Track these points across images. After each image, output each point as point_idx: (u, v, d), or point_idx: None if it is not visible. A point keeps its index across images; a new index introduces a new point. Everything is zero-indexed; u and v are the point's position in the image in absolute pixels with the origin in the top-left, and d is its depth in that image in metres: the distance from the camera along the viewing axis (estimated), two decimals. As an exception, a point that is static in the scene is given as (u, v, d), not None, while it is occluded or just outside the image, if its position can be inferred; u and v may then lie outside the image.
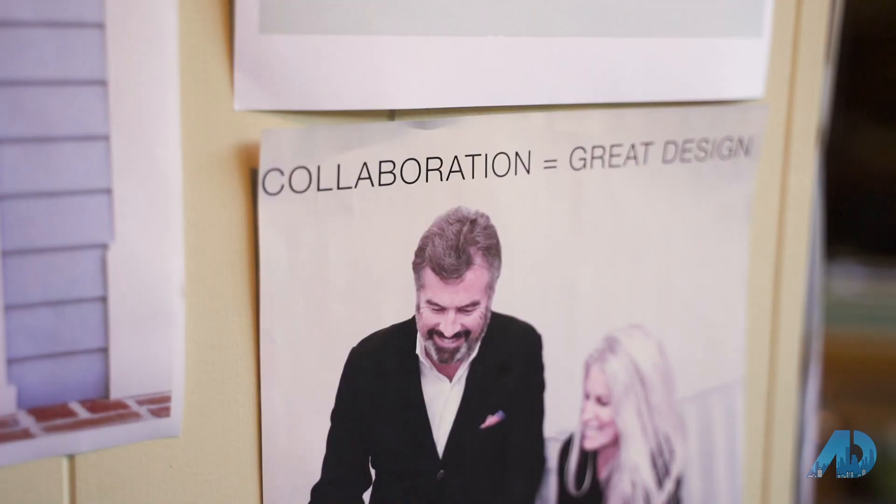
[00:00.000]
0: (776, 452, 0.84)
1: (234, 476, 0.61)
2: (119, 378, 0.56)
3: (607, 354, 0.73)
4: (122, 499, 0.58)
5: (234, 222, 0.59)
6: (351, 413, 0.64)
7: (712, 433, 0.79)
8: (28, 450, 0.54)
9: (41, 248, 0.53)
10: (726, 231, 0.77)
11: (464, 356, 0.67)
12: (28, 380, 0.53)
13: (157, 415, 0.58)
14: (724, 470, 0.80)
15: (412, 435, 0.66)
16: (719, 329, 0.78)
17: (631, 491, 0.75)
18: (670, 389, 0.76)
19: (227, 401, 0.60)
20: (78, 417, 0.55)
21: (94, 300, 0.55)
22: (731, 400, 0.79)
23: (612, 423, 0.74)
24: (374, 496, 0.66)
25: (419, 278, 0.65)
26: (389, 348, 0.65)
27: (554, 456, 0.72)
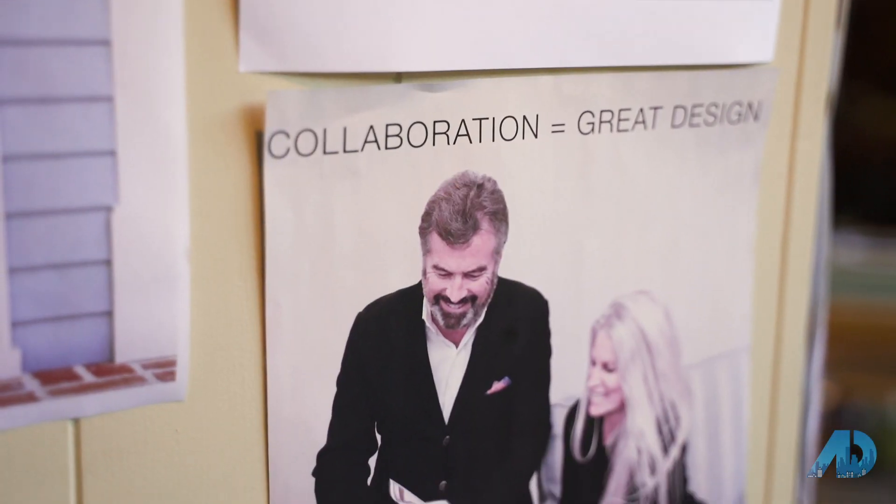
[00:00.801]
0: (781, 419, 0.84)
1: (240, 441, 0.61)
2: (124, 342, 0.55)
3: (614, 320, 0.72)
4: (128, 463, 0.58)
5: (239, 186, 0.58)
6: (357, 378, 0.63)
7: (718, 400, 0.78)
8: (33, 413, 0.54)
9: (45, 210, 0.52)
10: (734, 197, 0.76)
11: (470, 322, 0.67)
12: (32, 343, 0.53)
13: (163, 379, 0.57)
14: (730, 436, 0.80)
15: (418, 400, 0.66)
16: (726, 295, 0.77)
17: (636, 457, 0.75)
18: (676, 356, 0.76)
19: (233, 366, 0.60)
20: (83, 381, 0.55)
21: (99, 263, 0.54)
22: (737, 367, 0.79)
23: (619, 389, 0.73)
24: (380, 461, 0.66)
25: (425, 243, 0.64)
26: (395, 314, 0.64)
27: (560, 422, 0.72)
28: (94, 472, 0.57)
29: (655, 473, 0.76)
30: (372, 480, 0.66)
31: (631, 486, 0.75)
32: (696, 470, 0.78)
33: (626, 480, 0.75)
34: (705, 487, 0.79)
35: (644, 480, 0.76)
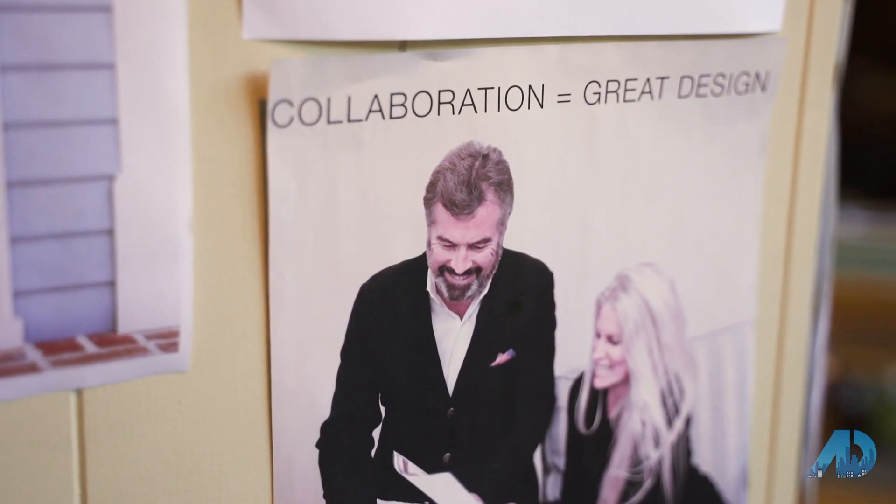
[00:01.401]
0: (785, 392, 0.83)
1: (243, 412, 0.61)
2: (127, 312, 0.55)
3: (619, 293, 0.72)
4: (131, 434, 0.58)
5: (242, 155, 0.58)
6: (361, 350, 0.63)
7: (722, 373, 0.78)
8: (35, 384, 0.54)
9: (46, 178, 0.52)
10: (740, 168, 0.75)
11: (475, 293, 0.66)
12: (35, 313, 0.53)
13: (166, 350, 0.57)
14: (734, 409, 0.79)
15: (422, 372, 0.66)
16: (731, 268, 0.77)
17: (640, 429, 0.75)
18: (681, 328, 0.75)
19: (236, 337, 0.60)
20: (85, 352, 0.54)
21: (101, 233, 0.54)
22: (741, 339, 0.79)
23: (623, 361, 0.73)
24: (384, 433, 0.65)
25: (430, 214, 0.64)
26: (400, 285, 0.64)
27: (564, 394, 0.72)
28: (97, 443, 0.57)
29: (659, 446, 0.76)
30: (376, 452, 0.65)
31: (635, 458, 0.75)
32: (700, 442, 0.78)
33: (630, 453, 0.75)
34: (709, 460, 0.79)
35: (648, 453, 0.75)
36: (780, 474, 0.85)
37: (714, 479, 0.79)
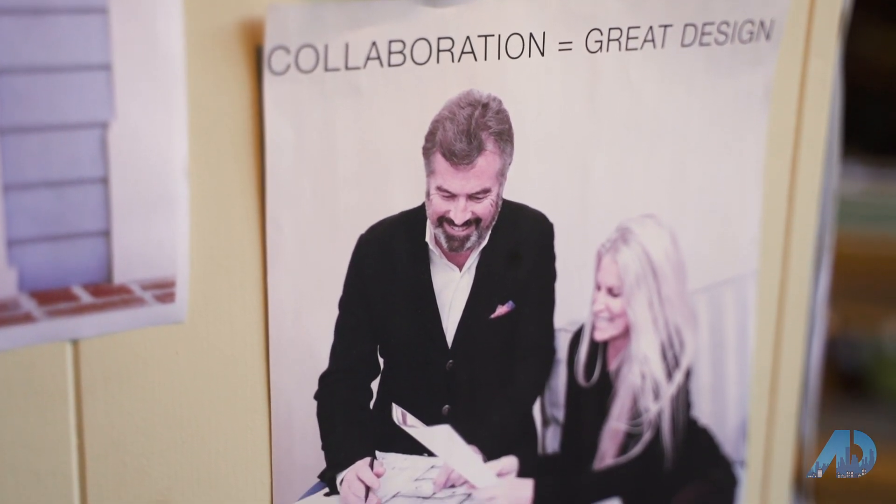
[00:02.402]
0: (786, 345, 0.83)
1: (241, 363, 0.60)
2: (122, 262, 0.54)
3: (619, 244, 0.71)
4: (128, 385, 0.57)
5: (239, 103, 0.57)
6: (359, 301, 0.63)
7: (723, 325, 0.78)
8: (30, 334, 0.53)
9: (39, 125, 0.51)
10: (744, 119, 0.74)
11: (474, 245, 0.66)
12: (29, 262, 0.52)
13: (162, 300, 0.56)
14: (734, 362, 0.79)
15: (421, 324, 0.65)
16: (734, 220, 0.76)
17: (640, 382, 0.74)
18: (682, 281, 0.75)
19: (234, 288, 0.59)
20: (80, 302, 0.54)
21: (96, 181, 0.53)
22: (743, 292, 0.78)
23: (623, 314, 0.73)
24: (383, 385, 0.65)
25: (429, 164, 0.63)
26: (398, 236, 0.63)
27: (564, 347, 0.71)
28: (94, 394, 0.56)
29: (659, 399, 0.75)
30: (374, 404, 0.65)
31: (634, 411, 0.75)
32: (700, 395, 0.78)
33: (630, 405, 0.75)
34: (709, 413, 0.78)
35: (647, 405, 0.75)
36: (779, 427, 0.85)
37: (713, 432, 0.79)
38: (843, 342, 2.20)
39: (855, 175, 2.16)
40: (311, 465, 0.63)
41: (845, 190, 2.12)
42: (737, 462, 0.81)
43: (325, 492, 0.64)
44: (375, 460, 0.65)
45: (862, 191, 2.17)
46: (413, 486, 0.67)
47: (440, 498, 0.68)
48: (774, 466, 0.85)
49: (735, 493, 0.82)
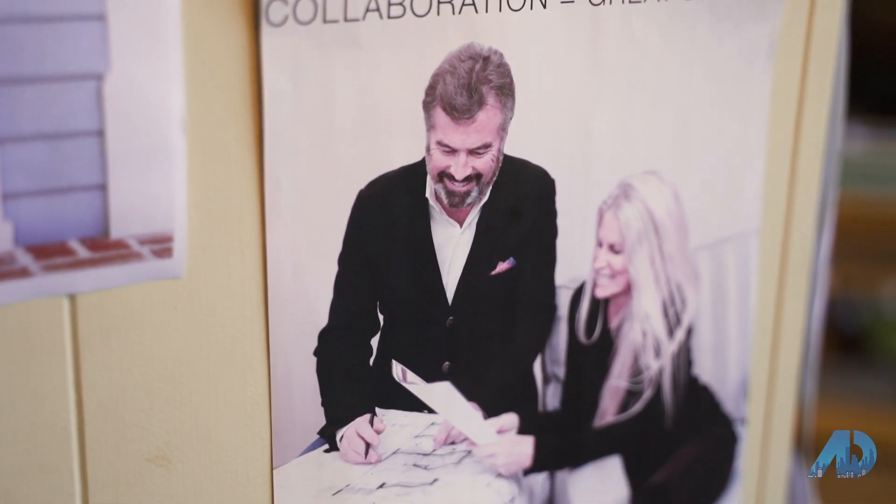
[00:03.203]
0: (788, 304, 0.83)
1: (240, 319, 0.60)
2: (119, 216, 0.54)
3: (621, 201, 0.71)
4: (126, 340, 0.57)
5: (236, 55, 0.56)
6: (358, 257, 0.62)
7: (725, 283, 0.77)
8: (27, 288, 0.52)
9: (33, 76, 0.50)
10: (748, 73, 0.73)
11: (475, 200, 0.65)
12: (25, 216, 0.51)
13: (160, 255, 0.56)
14: (736, 320, 0.79)
15: (421, 281, 0.65)
16: (737, 176, 0.75)
17: (641, 340, 0.74)
18: (684, 238, 0.74)
19: (232, 243, 0.59)
20: (77, 256, 0.53)
21: (91, 134, 0.52)
22: (745, 249, 0.78)
23: (625, 271, 0.72)
24: (382, 342, 0.64)
25: (429, 118, 0.62)
26: (398, 191, 0.62)
27: (565, 304, 0.71)
28: (91, 350, 0.56)
29: (660, 356, 0.75)
30: (374, 361, 0.65)
31: (635, 368, 0.74)
32: (701, 353, 0.77)
33: (631, 363, 0.74)
34: (710, 370, 0.78)
35: (648, 363, 0.75)
36: (780, 385, 0.84)
37: (714, 389, 0.79)
38: (843, 303, 2.20)
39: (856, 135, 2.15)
40: (310, 421, 0.63)
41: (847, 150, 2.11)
42: (737, 419, 0.81)
43: (325, 448, 0.64)
44: (375, 417, 0.65)
45: (863, 151, 2.16)
46: (413, 443, 0.67)
47: (440, 455, 0.68)
48: (775, 424, 0.85)
49: (735, 450, 0.82)
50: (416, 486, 0.67)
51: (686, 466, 0.79)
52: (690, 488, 0.80)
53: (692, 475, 0.80)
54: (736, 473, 0.83)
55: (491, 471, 0.70)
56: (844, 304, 2.21)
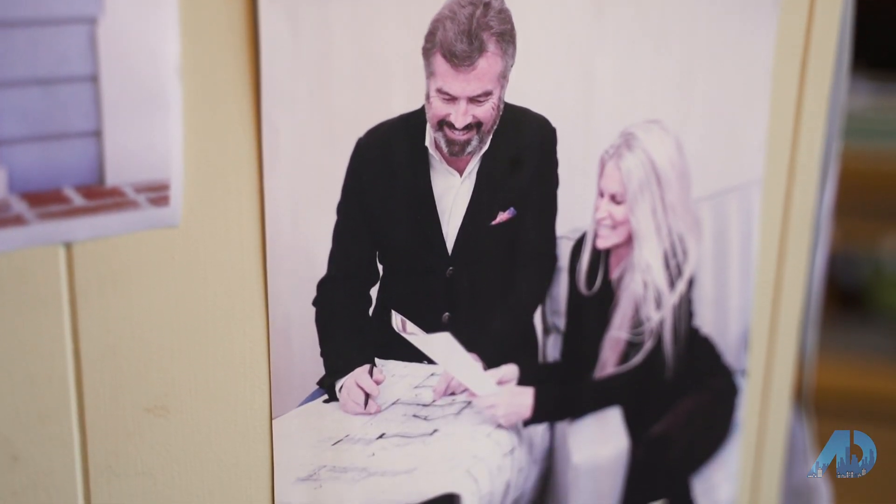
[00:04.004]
0: (790, 255, 0.82)
1: (238, 269, 0.59)
2: (114, 164, 0.53)
3: (623, 151, 0.70)
4: (123, 290, 0.56)
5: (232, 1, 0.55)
6: (357, 206, 0.61)
7: (727, 234, 0.77)
8: (22, 236, 0.52)
9: (25, 20, 0.49)
10: (752, 22, 0.72)
11: (475, 149, 0.64)
12: (19, 162, 0.50)
13: (156, 203, 0.55)
14: (737, 271, 0.78)
15: (421, 230, 0.64)
16: (740, 126, 0.74)
17: (642, 291, 0.74)
18: (686, 188, 0.73)
19: (229, 191, 0.58)
20: (73, 204, 0.53)
21: (85, 79, 0.51)
22: (748, 200, 0.77)
23: (626, 221, 0.71)
24: (382, 292, 0.64)
25: (429, 65, 0.61)
26: (397, 139, 0.62)
27: (565, 255, 0.70)
28: (88, 299, 0.55)
29: (661, 307, 0.75)
30: (374, 311, 0.64)
31: (636, 319, 0.74)
32: (702, 304, 0.77)
33: (632, 314, 0.74)
34: (710, 322, 0.78)
35: (649, 314, 0.74)
36: (781, 337, 0.84)
37: (715, 341, 0.79)
38: (843, 258, 2.19)
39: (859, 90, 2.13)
40: (309, 371, 0.63)
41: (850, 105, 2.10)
42: (738, 371, 0.81)
43: (325, 398, 0.64)
44: (375, 367, 0.65)
45: (867, 106, 2.15)
46: (413, 394, 0.67)
47: (440, 405, 0.68)
48: (775, 376, 0.85)
49: (735, 402, 0.82)
50: (416, 436, 0.67)
51: (686, 418, 0.79)
52: (690, 439, 0.80)
53: (692, 426, 0.80)
54: (736, 425, 0.83)
55: (491, 422, 0.70)
56: (845, 259, 2.21)
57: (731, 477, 0.83)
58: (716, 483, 0.82)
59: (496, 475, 0.71)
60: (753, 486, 0.87)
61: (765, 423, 0.86)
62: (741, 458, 0.84)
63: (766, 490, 0.88)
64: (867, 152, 2.08)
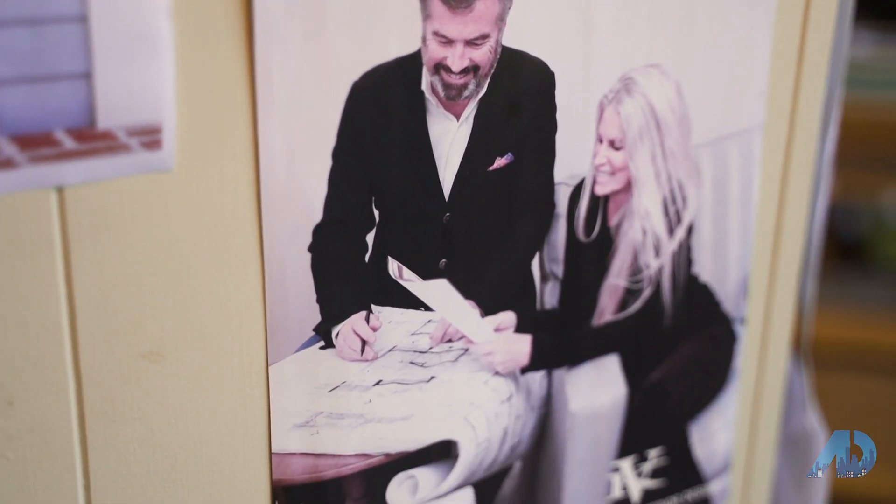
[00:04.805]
0: (790, 203, 0.81)
1: (232, 215, 0.59)
2: (106, 106, 0.52)
3: (623, 95, 0.69)
4: (116, 235, 0.56)
5: (223, -62, 0.54)
6: (353, 151, 0.61)
7: (727, 181, 0.76)
8: (13, 180, 0.51)
9: (11, -42, 0.48)
10: (755, -36, 0.71)
11: (472, 93, 0.64)
12: (8, 105, 0.50)
13: (148, 147, 0.54)
14: (737, 218, 0.78)
15: (417, 175, 0.64)
16: (741, 71, 0.73)
17: (641, 238, 0.73)
18: (686, 134, 0.72)
19: (223, 136, 0.57)
20: (64, 147, 0.52)
21: (74, 19, 0.50)
22: (748, 146, 0.76)
23: (625, 168, 0.71)
24: (378, 238, 0.63)
25: (425, 7, 0.60)
26: (393, 83, 0.61)
27: (564, 201, 0.70)
28: (82, 244, 0.55)
29: (660, 255, 0.74)
30: (370, 257, 0.64)
31: (634, 267, 0.74)
32: (701, 251, 0.76)
33: (630, 261, 0.73)
34: (710, 269, 0.77)
35: (648, 262, 0.74)
36: (780, 285, 0.84)
37: (714, 289, 0.78)
38: (843, 210, 2.19)
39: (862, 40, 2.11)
40: (305, 318, 0.62)
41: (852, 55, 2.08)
42: (737, 319, 0.81)
43: (321, 345, 0.64)
44: (371, 314, 0.65)
45: (868, 56, 2.13)
46: (410, 341, 0.67)
47: (437, 352, 0.68)
48: (774, 325, 0.85)
49: (734, 349, 0.82)
50: (413, 383, 0.67)
51: (684, 365, 0.79)
52: (688, 387, 0.80)
53: (690, 374, 0.80)
54: (734, 373, 0.82)
55: (488, 369, 0.70)
56: (845, 210, 2.20)
57: (728, 424, 0.83)
58: (713, 430, 0.82)
59: (493, 422, 0.71)
60: (751, 433, 0.87)
61: (763, 371, 0.86)
62: (739, 405, 0.84)
63: (763, 438, 0.88)
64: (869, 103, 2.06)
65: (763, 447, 0.89)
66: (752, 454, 0.88)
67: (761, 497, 0.91)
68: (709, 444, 0.83)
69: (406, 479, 0.69)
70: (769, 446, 0.89)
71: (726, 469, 0.85)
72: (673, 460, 0.81)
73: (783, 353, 0.87)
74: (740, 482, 0.88)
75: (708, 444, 0.82)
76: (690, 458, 0.82)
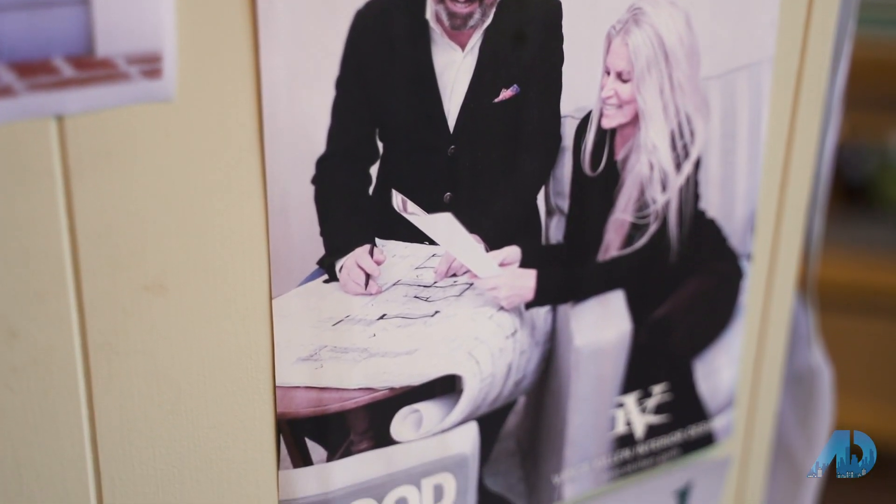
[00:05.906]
0: (799, 137, 0.80)
1: (234, 146, 0.58)
2: (105, 33, 0.51)
3: (631, 26, 0.68)
4: (117, 165, 0.55)
5: None
6: (357, 81, 0.60)
7: (736, 114, 0.75)
8: (11, 108, 0.50)
9: None
10: None
11: (477, 23, 0.62)
12: (6, 31, 0.49)
13: (149, 76, 0.53)
14: (745, 153, 0.77)
15: (422, 107, 0.63)
16: (752, 2, 0.72)
17: (648, 172, 0.72)
18: (695, 66, 0.71)
19: (224, 65, 0.56)
20: (63, 75, 0.51)
21: (71, -57, 0.49)
22: (758, 79, 0.75)
23: (632, 100, 0.70)
24: (382, 170, 0.63)
25: (430, -67, 0.59)
26: (397, 11, 0.60)
27: (570, 134, 0.69)
28: (82, 174, 0.54)
29: (666, 189, 0.73)
30: (374, 190, 0.63)
31: (641, 201, 0.73)
32: (709, 186, 0.75)
33: (637, 196, 0.73)
34: (716, 204, 0.77)
35: (654, 196, 0.73)
36: (787, 222, 0.83)
37: (721, 224, 0.77)
38: (849, 151, 2.17)
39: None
40: (309, 251, 0.62)
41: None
42: (743, 255, 0.80)
43: (325, 278, 0.63)
44: (375, 247, 0.64)
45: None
46: (414, 275, 0.66)
47: (441, 287, 0.67)
48: (780, 261, 0.84)
49: (740, 285, 0.81)
50: (417, 317, 0.67)
51: (690, 301, 0.78)
52: (693, 323, 0.80)
53: (696, 310, 0.79)
54: (739, 309, 0.82)
55: (493, 304, 0.69)
56: (851, 152, 2.18)
57: (733, 361, 0.83)
58: (718, 367, 0.82)
59: (498, 357, 0.71)
60: (756, 370, 0.87)
61: (768, 308, 0.85)
62: (744, 342, 0.84)
63: (767, 374, 0.88)
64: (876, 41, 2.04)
65: (767, 384, 0.89)
66: (756, 391, 0.88)
67: (765, 433, 0.91)
68: (713, 380, 0.82)
69: (410, 414, 0.68)
70: (773, 383, 0.89)
71: (730, 405, 0.85)
72: (677, 396, 0.81)
73: (789, 290, 0.86)
74: (744, 419, 0.88)
75: (712, 380, 0.82)
76: (695, 394, 0.82)
